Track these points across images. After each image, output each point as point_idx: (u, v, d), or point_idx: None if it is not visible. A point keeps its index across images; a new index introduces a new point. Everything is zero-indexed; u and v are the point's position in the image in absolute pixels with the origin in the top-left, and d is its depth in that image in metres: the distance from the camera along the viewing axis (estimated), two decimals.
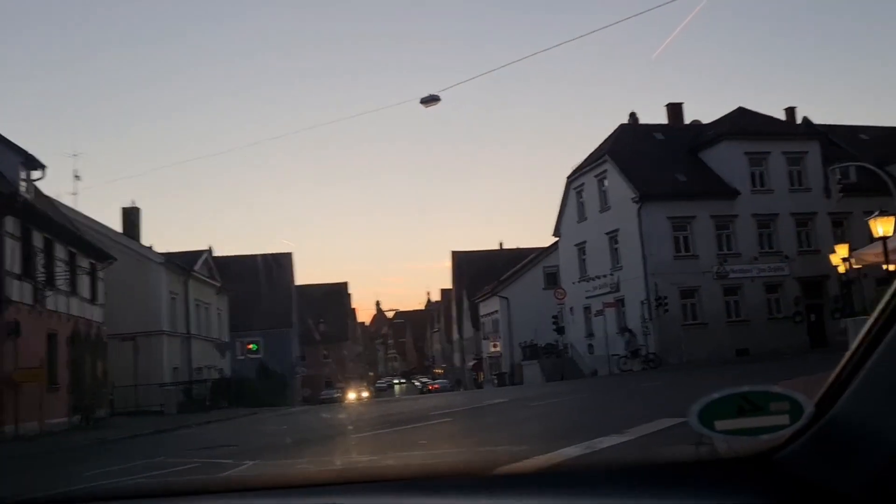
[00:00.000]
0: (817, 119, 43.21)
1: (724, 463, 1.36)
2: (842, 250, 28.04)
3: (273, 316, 59.77)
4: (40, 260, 24.44)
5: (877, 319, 1.11)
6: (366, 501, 1.61)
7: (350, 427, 17.80)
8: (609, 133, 42.69)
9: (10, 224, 22.44)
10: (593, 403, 17.87)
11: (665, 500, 1.30)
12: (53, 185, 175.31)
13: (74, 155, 40.77)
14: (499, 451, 9.84)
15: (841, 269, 29.27)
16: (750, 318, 36.51)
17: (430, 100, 24.23)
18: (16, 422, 20.83)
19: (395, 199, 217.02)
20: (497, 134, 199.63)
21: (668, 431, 9.13)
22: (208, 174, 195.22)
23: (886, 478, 1.05)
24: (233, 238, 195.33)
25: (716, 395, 1.28)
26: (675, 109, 43.23)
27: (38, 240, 24.47)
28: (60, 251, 26.63)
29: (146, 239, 50.90)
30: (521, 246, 69.70)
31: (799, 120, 42.55)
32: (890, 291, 1.09)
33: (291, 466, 10.22)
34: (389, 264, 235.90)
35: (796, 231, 38.10)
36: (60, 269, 26.24)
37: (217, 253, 60.38)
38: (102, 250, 31.67)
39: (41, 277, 24.47)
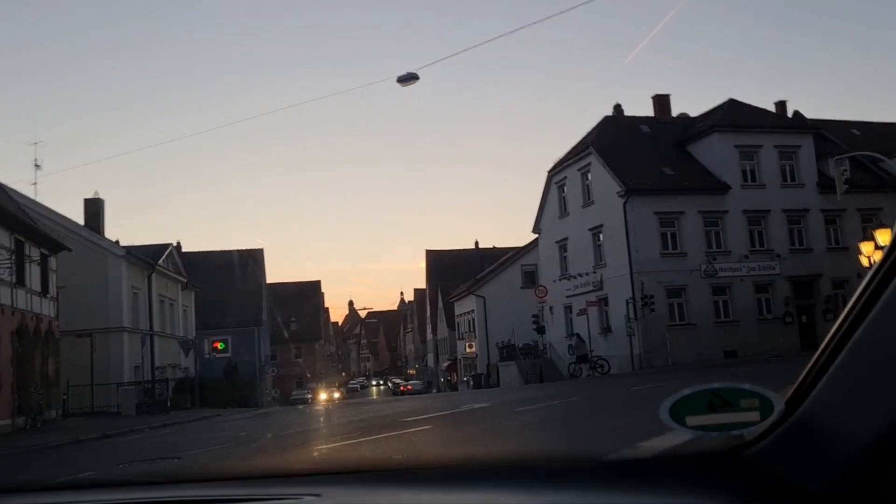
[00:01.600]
0: (808, 114, 42.06)
1: (695, 457, 1.38)
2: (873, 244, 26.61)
3: (243, 314, 57.79)
4: None
5: (843, 320, 1.12)
6: (343, 491, 1.59)
7: (315, 435, 15.97)
8: (592, 126, 41.21)
9: None
10: (588, 410, 16.21)
11: (638, 494, 1.32)
12: (13, 173, 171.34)
13: (35, 143, 38.45)
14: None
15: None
16: (739, 318, 35.14)
17: (408, 78, 22.55)
18: None
19: (368, 195, 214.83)
20: (474, 127, 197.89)
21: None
22: (177, 165, 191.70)
23: (850, 474, 1.08)
24: (202, 233, 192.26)
25: (686, 392, 1.31)
26: (661, 101, 41.81)
27: None
28: (5, 238, 24.50)
29: (111, 233, 48.77)
30: (498, 245, 68.47)
31: (790, 114, 41.28)
32: (855, 295, 1.09)
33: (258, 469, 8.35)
34: (362, 263, 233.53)
35: (788, 228, 36.75)
36: (4, 258, 24.09)
37: (186, 248, 58.40)
38: (55, 240, 29.53)
39: None
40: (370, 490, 1.57)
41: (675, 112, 42.24)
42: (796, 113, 41.58)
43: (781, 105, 41.24)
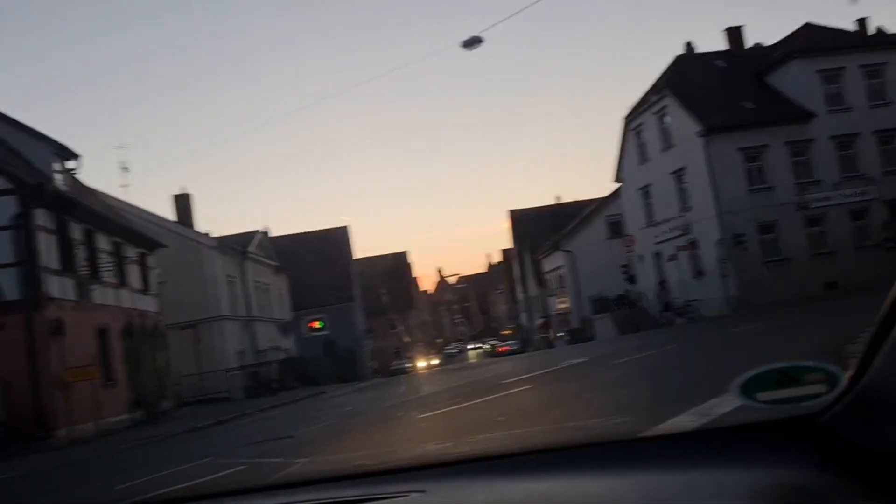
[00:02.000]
0: (893, 27, 39.90)
1: (773, 425, 1.41)
2: None
3: (335, 292, 58.99)
4: (82, 253, 23.39)
5: None
6: (446, 485, 1.63)
7: (419, 404, 16.32)
8: (665, 67, 40.12)
9: (42, 217, 21.33)
10: (684, 358, 16.06)
11: (719, 462, 1.37)
12: (105, 178, 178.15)
13: (121, 147, 39.98)
14: (594, 426, 8.18)
15: None
16: (836, 248, 33.93)
17: (473, 42, 22.44)
18: (69, 424, 19.90)
19: (446, 162, 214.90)
20: (543, 81, 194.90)
21: None
22: (257, 153, 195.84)
23: None
24: (288, 217, 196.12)
25: (752, 372, 1.37)
26: (734, 34, 40.33)
27: (77, 232, 23.40)
28: (104, 242, 25.62)
29: (201, 225, 50.29)
30: (580, 198, 67.67)
31: (872, 31, 39.22)
32: None
33: (348, 462, 8.72)
34: (447, 230, 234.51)
35: (880, 150, 35.14)
36: (105, 261, 25.24)
37: (274, 233, 59.88)
38: (150, 238, 30.74)
39: (84, 271, 23.47)
40: (470, 481, 1.62)
41: (749, 44, 40.70)
42: (879, 29, 39.47)
43: (862, 23, 39.18)
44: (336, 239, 64.97)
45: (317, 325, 50.18)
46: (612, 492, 1.41)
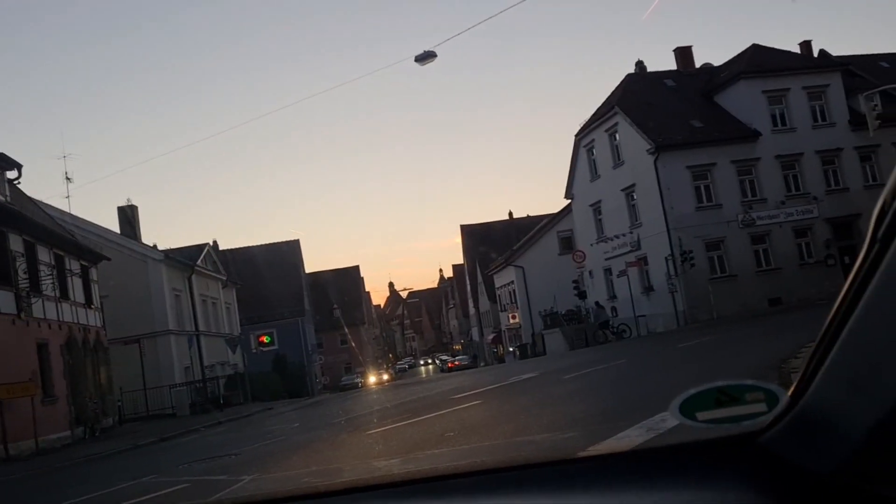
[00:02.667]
0: (834, 51, 41.07)
1: (711, 445, 1.40)
2: None
3: (285, 306, 58.34)
4: (21, 265, 22.68)
5: (837, 309, 1.13)
6: None
7: (367, 419, 16.11)
8: (616, 85, 40.67)
9: None
10: (634, 373, 16.12)
11: (655, 483, 1.36)
12: (46, 188, 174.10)
13: (64, 157, 38.99)
14: (543, 441, 8.10)
15: None
16: (781, 265, 34.65)
17: (426, 57, 22.53)
18: (5, 441, 19.22)
19: (397, 177, 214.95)
20: (497, 98, 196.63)
21: None
22: (205, 166, 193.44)
23: (855, 456, 1.12)
24: (237, 230, 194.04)
25: (692, 391, 1.35)
26: (684, 53, 41.08)
27: (17, 243, 22.71)
28: (45, 254, 24.93)
29: (148, 238, 49.47)
30: (531, 213, 68.14)
31: (816, 53, 40.31)
32: (846, 284, 1.10)
33: (294, 480, 8.52)
34: (399, 244, 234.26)
35: (823, 170, 36.04)
36: (46, 274, 24.53)
37: (223, 246, 59.07)
38: (93, 251, 30.01)
39: (24, 284, 22.75)
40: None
41: (698, 63, 41.51)
42: (822, 52, 40.59)
43: (807, 45, 40.26)
44: (287, 252, 64.35)
45: (265, 339, 49.38)
46: None
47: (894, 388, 1.04)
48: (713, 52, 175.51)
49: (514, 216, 72.22)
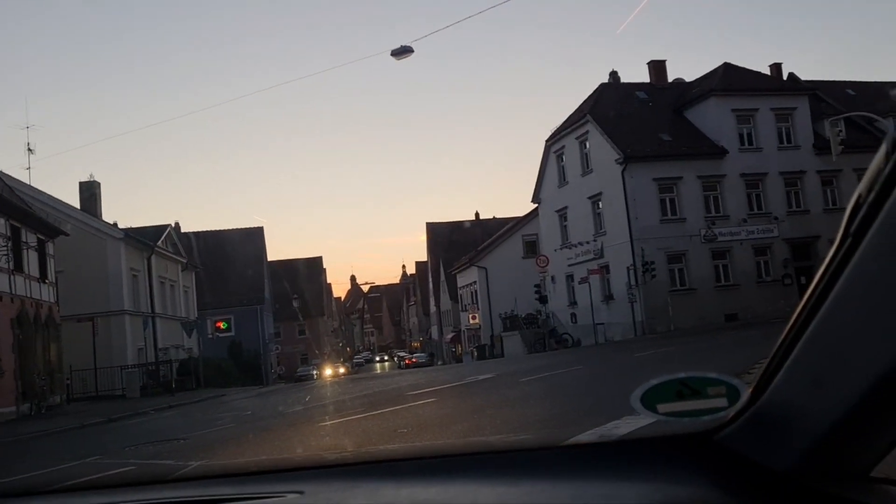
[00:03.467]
0: (803, 75, 41.76)
1: (664, 442, 1.43)
2: None
3: (244, 293, 57.83)
4: None
5: (801, 309, 1.14)
6: (325, 487, 1.62)
7: (321, 410, 16.01)
8: (589, 94, 40.93)
9: None
10: (591, 379, 16.22)
11: (609, 474, 1.38)
12: (6, 158, 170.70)
13: (27, 127, 38.22)
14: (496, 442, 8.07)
15: None
16: (739, 282, 35.15)
17: (402, 52, 22.45)
18: None
19: (367, 170, 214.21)
20: (471, 99, 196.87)
21: None
22: (172, 145, 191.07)
23: (811, 453, 1.15)
24: (201, 213, 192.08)
25: (654, 381, 1.34)
26: (658, 67, 41.47)
27: None
28: (0, 225, 24.38)
29: (109, 215, 48.65)
30: (498, 215, 68.29)
31: (785, 76, 40.98)
32: (812, 285, 1.11)
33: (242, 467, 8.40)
34: (363, 238, 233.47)
35: (785, 190, 36.64)
36: (0, 245, 23.99)
37: (185, 228, 58.28)
38: (51, 225, 29.40)
39: None
40: (351, 484, 1.61)
41: (671, 77, 41.93)
42: (791, 75, 41.27)
43: (777, 67, 40.91)
44: (250, 239, 63.74)
45: (222, 325, 48.87)
46: (499, 497, 1.43)
47: (857, 384, 1.05)
48: (686, 67, 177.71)
49: (481, 217, 72.40)
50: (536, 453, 1.68)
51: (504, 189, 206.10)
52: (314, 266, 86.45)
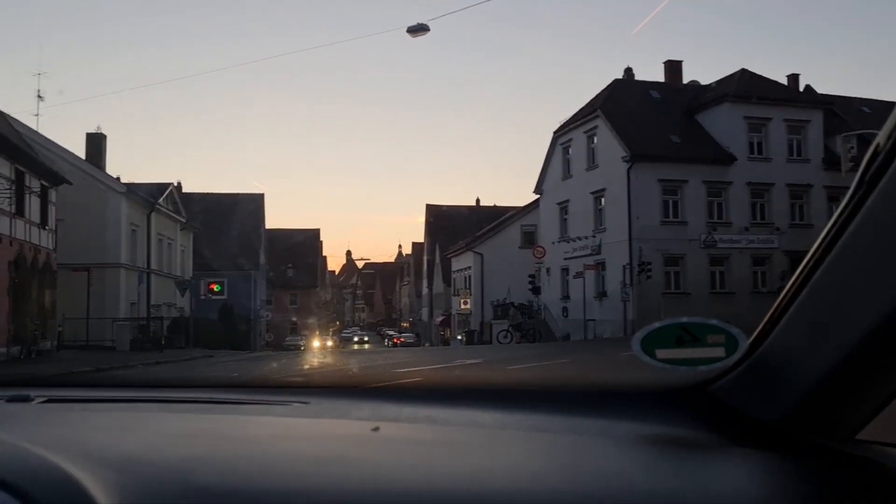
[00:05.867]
0: (819, 89, 41.58)
1: (660, 391, 1.47)
2: None
3: (240, 257, 57.72)
4: None
5: (807, 263, 1.15)
6: (330, 400, 1.72)
7: (305, 379, 16.05)
8: (601, 88, 40.80)
9: None
10: (579, 370, 16.27)
11: (603, 423, 1.41)
12: (17, 103, 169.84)
13: (38, 74, 38.08)
14: None
15: None
16: (734, 290, 35.19)
17: (418, 29, 22.39)
18: None
19: (371, 147, 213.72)
20: (482, 84, 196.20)
21: None
22: (182, 104, 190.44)
23: (801, 407, 1.18)
24: (204, 175, 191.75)
25: (657, 325, 1.36)
26: (673, 67, 41.36)
27: None
28: (4, 167, 24.35)
29: (113, 170, 48.49)
30: (499, 203, 68.24)
31: (802, 88, 40.82)
32: (819, 238, 1.12)
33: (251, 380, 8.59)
34: (362, 215, 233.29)
35: (790, 203, 36.66)
36: (3, 187, 23.98)
37: (186, 189, 58.15)
38: (56, 172, 29.36)
39: None
40: (356, 402, 1.69)
41: (686, 79, 41.81)
42: (808, 87, 41.13)
43: (794, 78, 40.76)
44: (250, 205, 63.62)
45: (215, 287, 48.85)
46: (495, 420, 1.49)
47: (856, 333, 1.05)
48: (702, 70, 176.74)
49: (482, 203, 72.36)
50: (534, 392, 1.75)
51: (506, 178, 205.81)
52: (311, 238, 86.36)
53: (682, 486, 1.09)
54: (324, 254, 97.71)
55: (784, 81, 40.23)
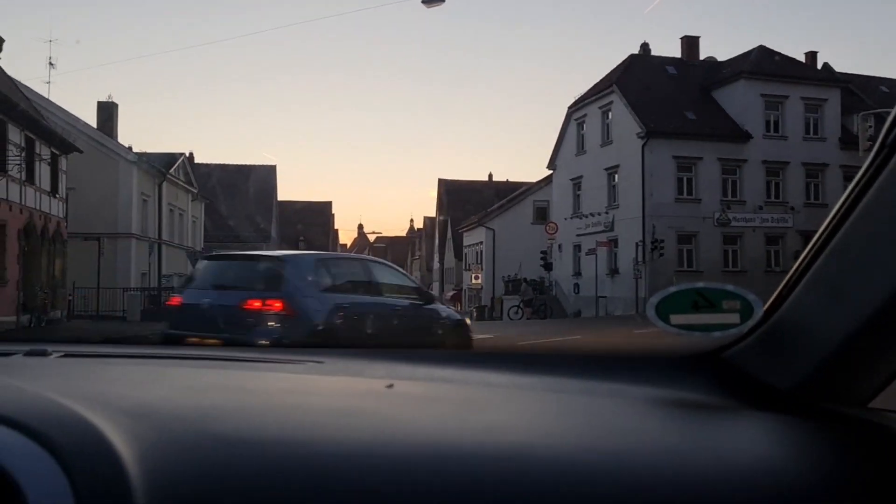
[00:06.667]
0: (838, 67, 40.95)
1: (675, 357, 1.46)
2: None
3: (252, 229, 57.64)
4: None
5: (825, 228, 1.15)
6: (344, 360, 1.76)
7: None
8: (617, 63, 40.35)
9: None
10: (595, 349, 16.15)
11: (617, 386, 1.40)
12: (28, 70, 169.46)
13: (50, 41, 37.94)
14: None
15: None
16: (747, 269, 34.91)
17: (433, 0, 22.05)
18: None
19: (384, 119, 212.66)
20: (494, 56, 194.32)
21: None
22: (194, 74, 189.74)
23: (815, 374, 1.18)
24: (216, 146, 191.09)
25: (672, 289, 1.35)
26: (690, 43, 40.79)
27: None
28: (15, 135, 24.27)
29: (124, 139, 48.39)
30: (512, 178, 67.92)
31: (820, 66, 40.25)
32: (839, 203, 1.11)
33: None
34: (374, 188, 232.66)
35: (805, 182, 36.27)
36: (14, 154, 23.93)
37: (198, 159, 58.06)
38: (66, 140, 29.27)
39: None
40: (371, 362, 1.71)
41: (703, 55, 41.27)
42: (826, 65, 40.52)
43: (812, 56, 40.15)
44: (262, 176, 63.51)
45: None
46: (509, 380, 1.49)
47: (874, 298, 1.04)
48: (719, 47, 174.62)
49: (494, 179, 72.01)
50: (549, 356, 1.79)
51: (519, 153, 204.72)
52: (323, 210, 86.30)
53: (694, 447, 1.09)
54: (335, 227, 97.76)
55: (802, 59, 39.65)
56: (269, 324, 8.25)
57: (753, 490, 0.94)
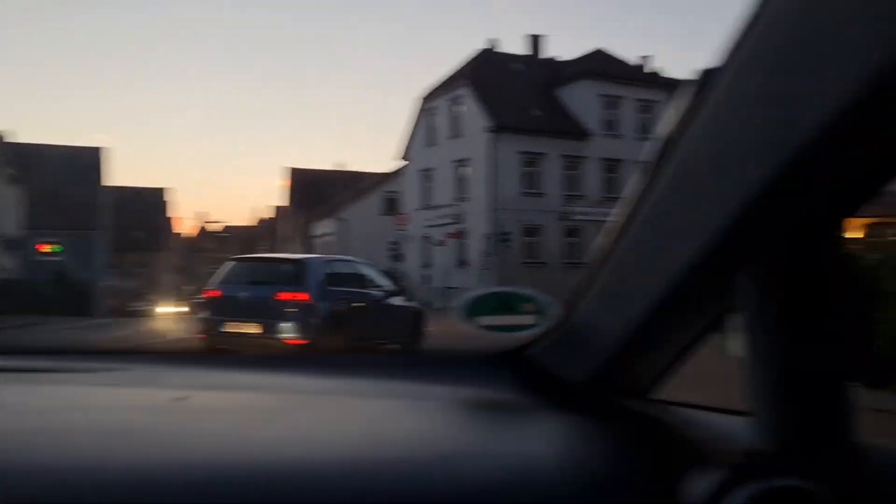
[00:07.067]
0: (676, 74, 43.18)
1: (480, 356, 1.52)
2: None
3: (78, 217, 54.09)
4: None
5: (612, 233, 1.22)
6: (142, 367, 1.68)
7: (112, 347, 15.00)
8: (468, 56, 40.72)
9: None
10: (434, 339, 16.05)
11: (419, 386, 1.44)
12: None
13: None
14: None
15: None
16: (586, 260, 36.12)
17: None
18: None
19: (226, 102, 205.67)
20: (344, 44, 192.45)
21: None
22: (10, 40, 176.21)
23: (603, 367, 1.27)
24: (38, 125, 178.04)
25: (477, 293, 1.49)
26: (535, 42, 41.79)
27: None
28: None
29: None
30: (364, 170, 67.56)
31: (653, 70, 42.29)
32: (622, 209, 1.17)
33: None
34: (217, 176, 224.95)
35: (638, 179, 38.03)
36: None
37: (20, 139, 53.80)
38: None
39: None
40: (170, 369, 1.64)
41: (547, 54, 42.37)
42: (655, 71, 42.68)
43: (645, 59, 42.19)
44: (88, 159, 59.55)
45: (48, 248, 45.58)
46: (311, 387, 1.47)
47: (643, 299, 1.09)
48: (562, 47, 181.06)
49: (344, 168, 71.39)
50: (364, 358, 1.85)
51: (370, 143, 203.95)
52: (158, 197, 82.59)
53: (496, 443, 1.13)
54: (175, 215, 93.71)
55: (638, 62, 41.55)
56: (294, 310, 11.05)
57: (541, 482, 0.98)
